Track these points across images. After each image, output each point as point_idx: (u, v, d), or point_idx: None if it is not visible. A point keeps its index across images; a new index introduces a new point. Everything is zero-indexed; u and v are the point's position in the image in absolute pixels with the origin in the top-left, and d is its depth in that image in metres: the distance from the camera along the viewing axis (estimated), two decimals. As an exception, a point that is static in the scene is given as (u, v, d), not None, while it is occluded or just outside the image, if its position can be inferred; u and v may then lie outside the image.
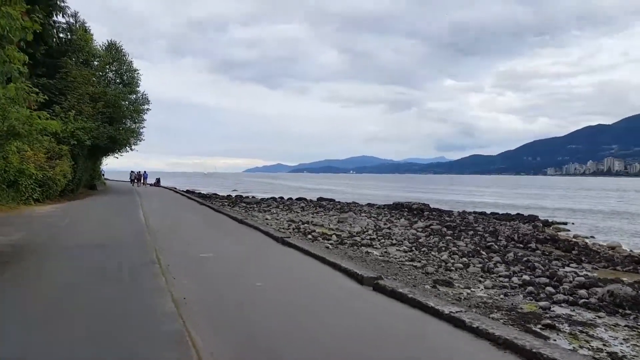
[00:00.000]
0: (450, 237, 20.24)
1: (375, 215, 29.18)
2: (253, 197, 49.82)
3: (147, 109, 29.76)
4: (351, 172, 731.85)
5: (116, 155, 32.12)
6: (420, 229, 22.83)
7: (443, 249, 17.03)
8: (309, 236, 19.08)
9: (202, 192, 53.51)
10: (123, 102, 23.81)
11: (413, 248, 17.17)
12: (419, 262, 14.46)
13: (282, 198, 48.42)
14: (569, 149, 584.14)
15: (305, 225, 22.59)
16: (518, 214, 36.62)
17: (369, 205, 41.89)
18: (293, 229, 20.86)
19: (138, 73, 28.30)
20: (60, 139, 17.98)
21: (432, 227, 23.88)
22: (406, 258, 15.00)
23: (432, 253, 16.16)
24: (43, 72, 19.32)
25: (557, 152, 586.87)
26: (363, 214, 29.66)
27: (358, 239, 18.66)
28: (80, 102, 19.80)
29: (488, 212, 38.54)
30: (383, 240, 18.65)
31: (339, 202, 44.68)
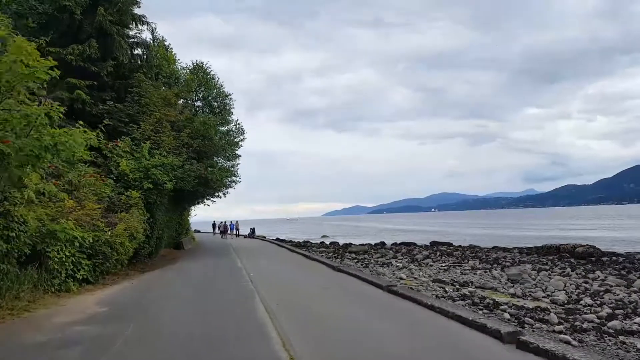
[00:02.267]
0: None
1: (548, 268, 20.85)
2: (350, 243, 43.11)
3: (243, 140, 24.35)
4: (433, 210, 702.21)
5: (207, 202, 26.69)
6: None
7: None
8: (505, 314, 11.75)
9: (295, 240, 47.86)
10: (214, 136, 18.55)
11: None
12: None
13: (383, 243, 41.34)
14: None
15: (470, 290, 15.24)
16: None
17: (500, 249, 33.34)
18: (463, 299, 13.70)
19: (230, 99, 23.06)
20: (129, 182, 12.65)
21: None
22: None
23: None
24: (112, 96, 14.60)
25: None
26: (527, 265, 21.46)
27: (592, 318, 11.01)
28: (158, 131, 14.66)
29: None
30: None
31: (459, 246, 36.59)
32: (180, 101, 18.50)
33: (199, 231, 63.55)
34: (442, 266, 22.16)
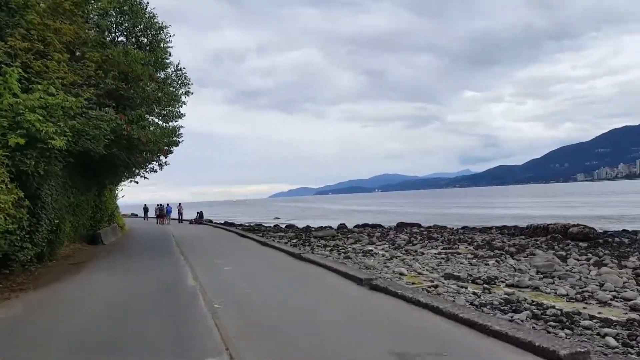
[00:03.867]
0: None
1: (566, 254, 17.44)
2: (309, 226, 38.90)
3: (188, 92, 17.67)
4: (376, 190, 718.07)
5: (138, 177, 19.84)
6: None
7: None
8: (610, 340, 7.95)
9: (246, 223, 42.53)
10: (144, 76, 12.05)
11: None
12: None
13: (344, 225, 37.25)
14: (597, 153, 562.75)
15: (507, 291, 11.27)
16: None
17: (477, 230, 30.42)
18: (515, 310, 9.81)
19: (167, 34, 15.69)
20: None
21: None
22: None
23: None
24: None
25: (585, 157, 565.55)
26: (538, 251, 18.02)
27: None
28: (42, 54, 8.62)
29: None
30: None
31: (430, 227, 33.36)
32: (92, 32, 12.31)
33: (136, 215, 56.01)
34: (436, 254, 18.22)
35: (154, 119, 16.46)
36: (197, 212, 39.49)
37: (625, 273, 12.98)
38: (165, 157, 17.07)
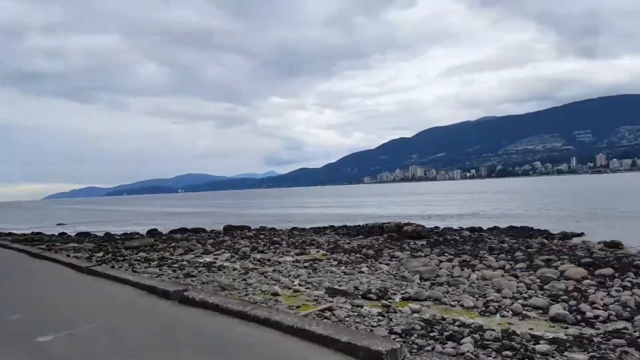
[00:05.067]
0: None
1: (424, 254, 16.64)
2: (109, 233, 32.08)
3: None
4: (180, 191, 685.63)
5: None
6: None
7: None
8: None
9: (17, 231, 31.84)
10: None
11: None
12: None
13: (155, 230, 31.41)
14: (380, 160, 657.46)
15: (418, 306, 9.16)
16: (511, 226, 27.82)
17: (310, 231, 29.05)
18: (455, 340, 7.52)
19: None
20: None
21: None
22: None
23: None
24: None
25: (370, 163, 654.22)
26: (398, 252, 16.85)
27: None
28: None
29: (463, 226, 29.20)
30: None
31: (261, 230, 30.49)
32: None
33: None
34: (294, 262, 15.41)
35: None
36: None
37: (502, 275, 12.43)
38: None
